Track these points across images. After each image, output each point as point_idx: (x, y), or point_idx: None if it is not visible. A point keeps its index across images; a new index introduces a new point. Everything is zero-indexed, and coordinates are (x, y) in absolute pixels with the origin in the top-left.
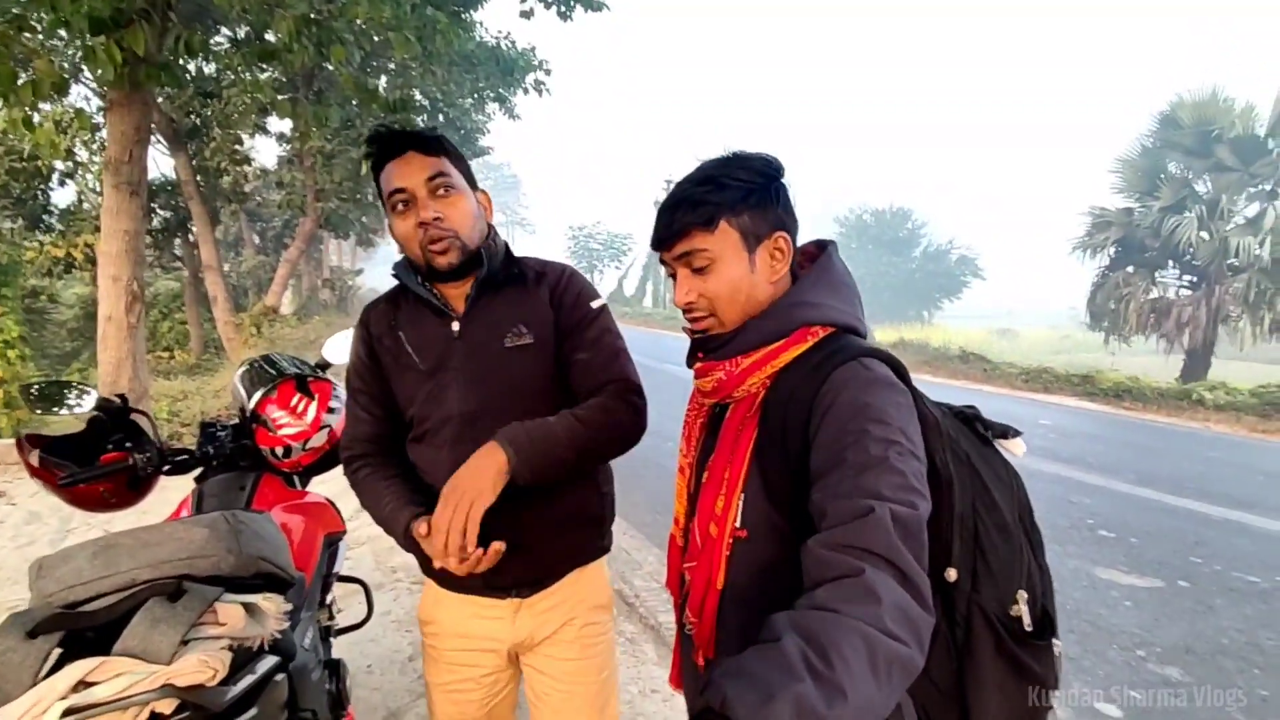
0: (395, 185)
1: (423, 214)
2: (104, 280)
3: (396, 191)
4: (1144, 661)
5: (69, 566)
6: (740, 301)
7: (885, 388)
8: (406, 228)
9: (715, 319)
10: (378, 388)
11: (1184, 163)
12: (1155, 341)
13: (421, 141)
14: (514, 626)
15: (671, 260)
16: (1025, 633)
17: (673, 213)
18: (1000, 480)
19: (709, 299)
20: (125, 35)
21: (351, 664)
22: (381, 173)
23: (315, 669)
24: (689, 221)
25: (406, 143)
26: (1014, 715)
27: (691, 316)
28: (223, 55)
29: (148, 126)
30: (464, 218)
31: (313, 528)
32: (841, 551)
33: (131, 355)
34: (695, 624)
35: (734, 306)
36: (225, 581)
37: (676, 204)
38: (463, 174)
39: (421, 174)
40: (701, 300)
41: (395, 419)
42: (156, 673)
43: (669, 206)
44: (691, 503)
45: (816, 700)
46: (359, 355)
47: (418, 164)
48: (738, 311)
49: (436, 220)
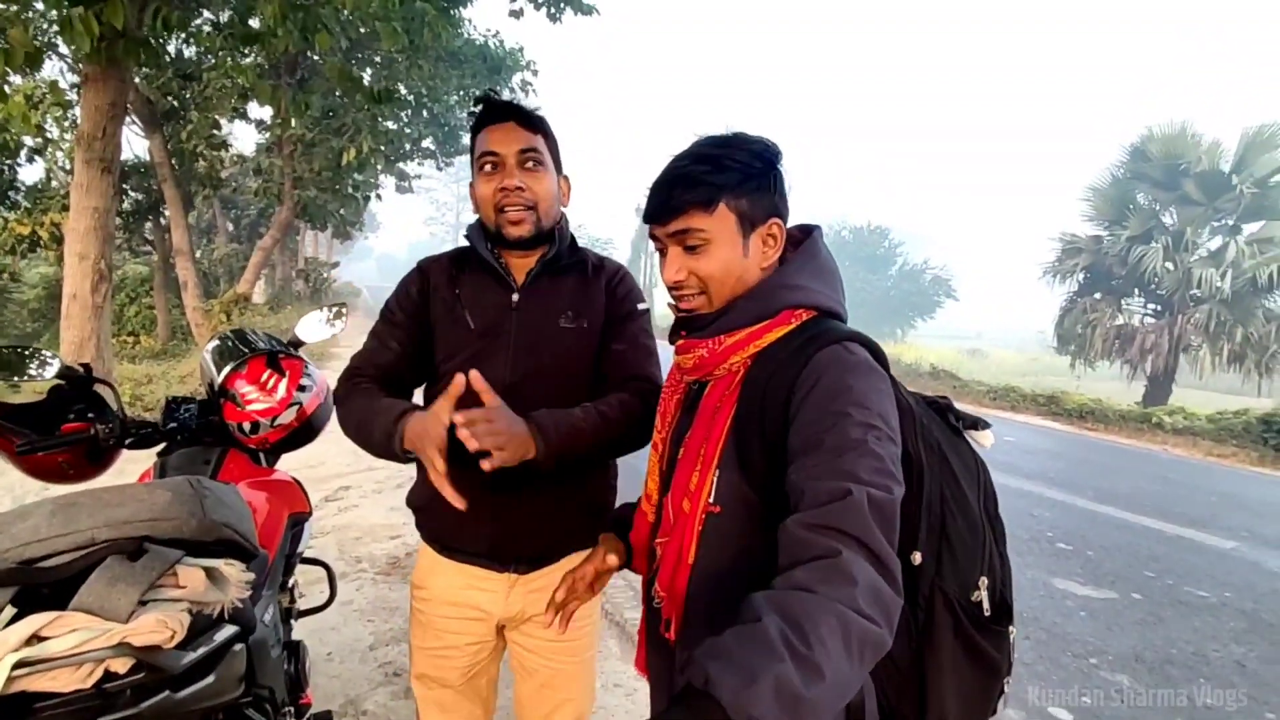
0: (489, 148)
1: (507, 180)
2: (70, 258)
3: (489, 154)
4: (1096, 669)
5: (26, 524)
6: (731, 284)
7: (867, 372)
8: (488, 190)
9: (705, 298)
10: (415, 327)
11: (1152, 194)
12: (1119, 367)
13: (524, 115)
14: (507, 600)
15: (665, 236)
16: (984, 618)
17: (671, 189)
18: (968, 469)
19: (700, 279)
20: (104, 8)
21: (312, 651)
22: (479, 135)
23: (275, 647)
24: (688, 200)
25: (510, 113)
26: (969, 696)
27: (680, 294)
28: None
29: (123, 103)
30: (545, 194)
31: (278, 506)
32: (819, 533)
33: (95, 335)
34: (664, 598)
35: (724, 288)
36: (187, 546)
37: (675, 180)
38: (552, 156)
39: (516, 144)
40: (692, 279)
41: (415, 361)
42: (112, 630)
43: (667, 182)
44: (665, 479)
45: (796, 679)
46: (408, 292)
47: (516, 134)
48: (728, 293)
49: (519, 190)
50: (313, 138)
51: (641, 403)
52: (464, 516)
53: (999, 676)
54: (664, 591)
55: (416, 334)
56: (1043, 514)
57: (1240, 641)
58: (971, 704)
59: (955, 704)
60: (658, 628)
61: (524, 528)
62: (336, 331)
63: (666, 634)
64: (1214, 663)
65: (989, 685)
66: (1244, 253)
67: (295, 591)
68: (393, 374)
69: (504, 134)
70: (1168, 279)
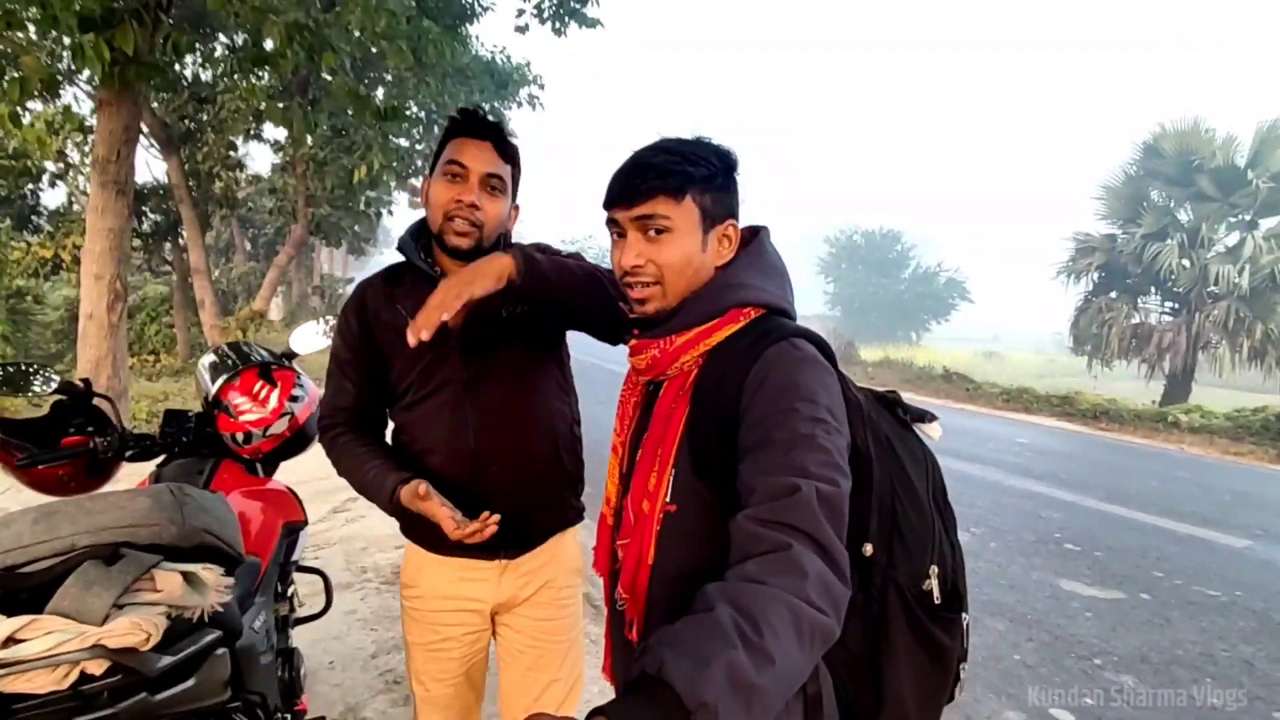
0: (459, 158)
1: (465, 194)
2: (86, 278)
3: (456, 163)
4: (1100, 670)
5: (9, 531)
6: (688, 276)
7: (814, 367)
8: (445, 196)
9: (658, 288)
10: (366, 360)
11: (1166, 191)
12: (1137, 366)
13: (502, 143)
14: (498, 587)
15: (627, 220)
16: (935, 606)
17: (641, 174)
18: (916, 461)
19: (659, 266)
20: (115, 34)
21: (314, 659)
22: (450, 141)
23: (267, 654)
24: (658, 186)
25: (491, 133)
26: (925, 684)
27: (634, 281)
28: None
29: (136, 126)
30: (495, 218)
31: (271, 515)
32: (769, 527)
33: (111, 354)
34: (627, 599)
35: (680, 280)
36: (166, 551)
37: (645, 167)
38: (513, 185)
39: (486, 166)
40: (650, 266)
41: (376, 393)
42: (87, 633)
43: (635, 169)
44: (625, 481)
45: (748, 666)
46: (350, 328)
47: (489, 156)
48: (683, 287)
49: (473, 208)
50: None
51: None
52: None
53: (953, 663)
54: (626, 593)
55: (367, 365)
56: (1051, 515)
57: (1250, 641)
58: (928, 691)
59: (912, 692)
60: (622, 630)
61: (509, 516)
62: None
63: (630, 635)
64: (1221, 662)
65: (944, 672)
66: (1261, 248)
67: (295, 600)
68: (359, 412)
69: (478, 151)
70: (1184, 276)
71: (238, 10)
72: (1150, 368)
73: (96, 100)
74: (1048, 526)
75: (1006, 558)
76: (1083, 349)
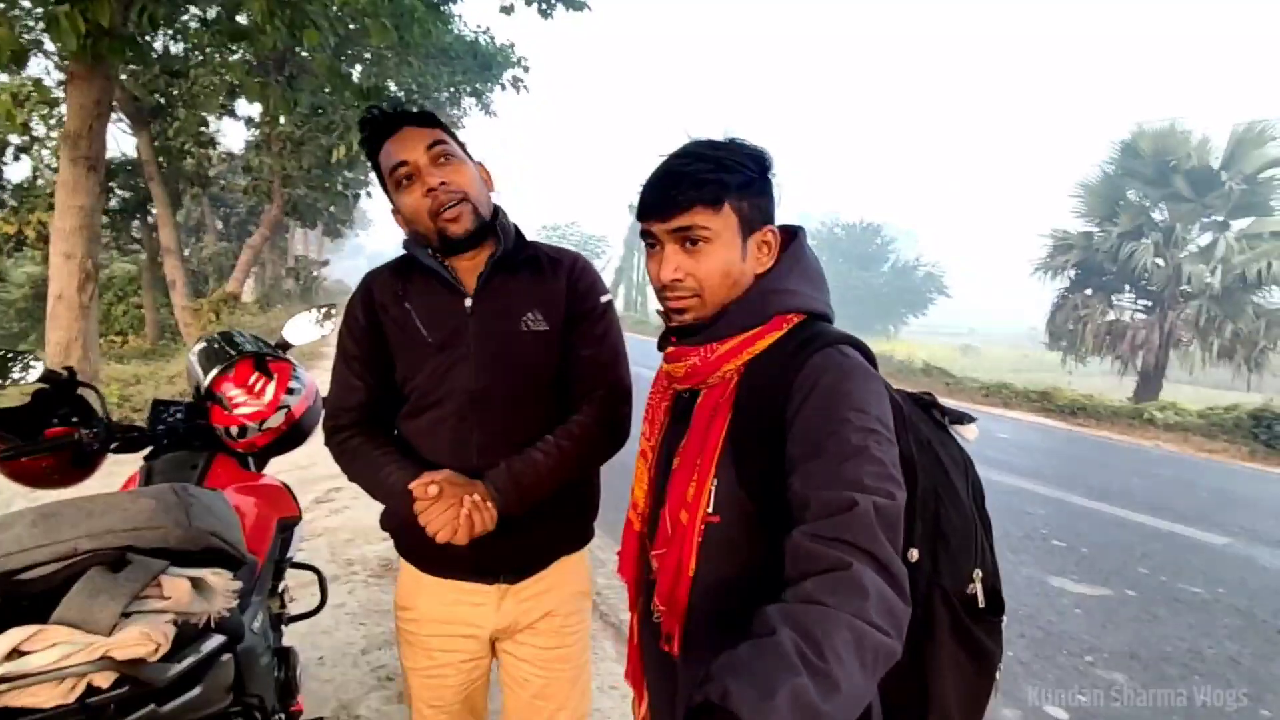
0: (396, 159)
1: (429, 180)
2: (56, 257)
3: (399, 165)
4: (1092, 667)
5: (8, 534)
6: (727, 287)
7: (863, 375)
8: (413, 200)
9: (698, 300)
10: (375, 355)
11: (1142, 191)
12: (1110, 362)
13: (415, 117)
14: (498, 613)
15: (664, 232)
16: (979, 610)
17: (676, 185)
18: (956, 464)
19: (698, 279)
20: (90, 6)
21: (304, 655)
22: (380, 154)
23: (264, 655)
24: (695, 197)
25: (400, 120)
26: (969, 688)
27: (674, 294)
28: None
29: (109, 101)
30: (470, 182)
31: (266, 511)
32: (827, 544)
33: (82, 335)
34: (664, 611)
35: (720, 291)
36: (172, 555)
37: (680, 176)
38: (460, 146)
39: (421, 144)
40: (689, 280)
41: (386, 389)
42: (94, 644)
43: (670, 178)
44: (658, 489)
45: (813, 694)
46: (358, 320)
47: (415, 136)
48: (722, 297)
49: (443, 185)
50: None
51: (611, 413)
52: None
53: (994, 667)
54: (663, 605)
55: (376, 361)
56: (1036, 511)
57: (1235, 639)
58: (972, 696)
59: (956, 698)
60: (656, 642)
61: (508, 537)
62: (325, 333)
63: (667, 648)
64: (1209, 660)
65: (986, 677)
66: (1233, 248)
67: (286, 597)
68: (369, 411)
69: (404, 140)
70: (1158, 275)
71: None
72: (1123, 364)
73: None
74: (1033, 522)
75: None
76: (1058, 344)
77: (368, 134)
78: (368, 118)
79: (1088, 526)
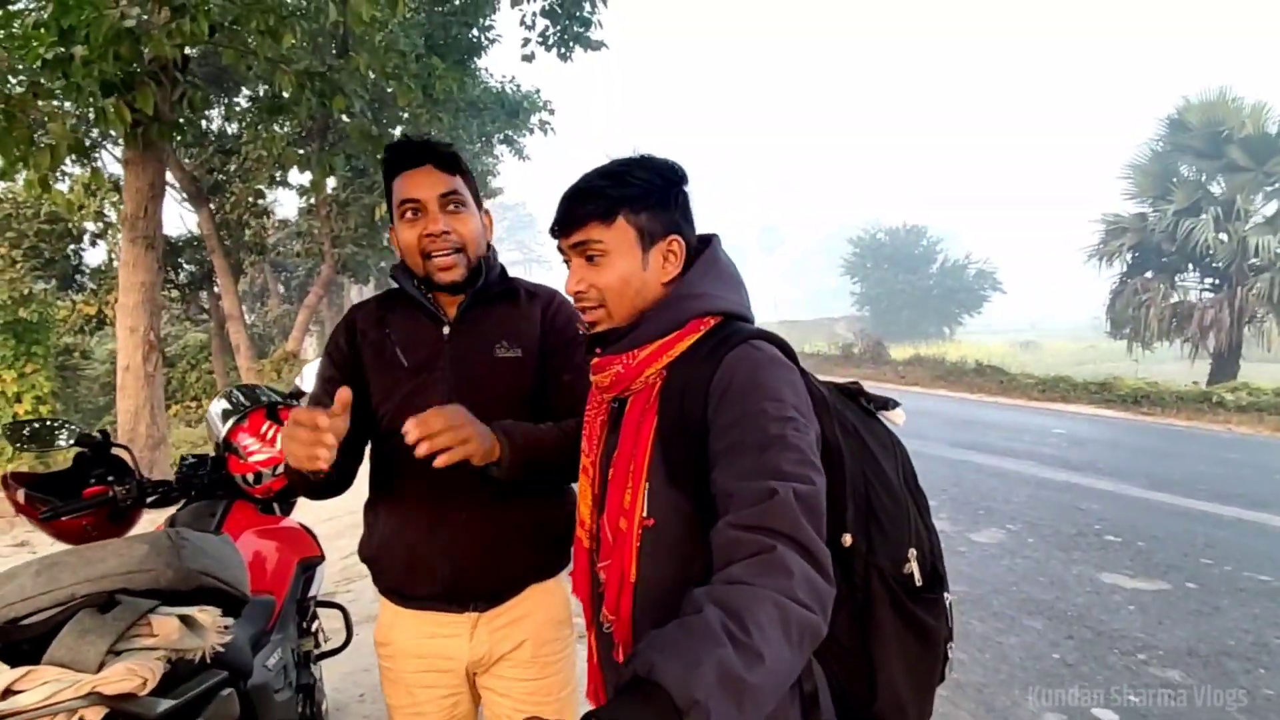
0: (410, 195)
1: (431, 226)
2: (122, 331)
3: (409, 201)
4: (1145, 665)
5: (13, 584)
6: (630, 296)
7: (777, 367)
8: (412, 236)
9: (604, 310)
10: (347, 378)
11: (1196, 165)
12: (1180, 347)
13: (440, 157)
14: (471, 644)
15: (567, 248)
16: (918, 589)
17: (572, 202)
18: (885, 448)
19: (600, 290)
20: (135, 96)
21: (343, 692)
22: (395, 181)
23: (284, 690)
24: (588, 212)
25: (425, 155)
26: (915, 667)
27: (581, 306)
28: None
29: (162, 182)
30: (471, 235)
31: (286, 553)
32: (751, 532)
33: (149, 403)
34: (613, 620)
35: (623, 300)
36: (164, 595)
37: (577, 193)
38: (471, 193)
39: (437, 188)
40: (591, 291)
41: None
42: (82, 681)
43: (570, 196)
44: (599, 502)
45: (737, 664)
46: (338, 345)
47: (434, 179)
48: (626, 306)
49: (445, 234)
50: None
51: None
52: (414, 559)
53: (941, 644)
54: (611, 614)
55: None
56: (1090, 506)
57: None
58: (919, 674)
59: (904, 676)
60: (611, 653)
61: (478, 563)
62: None
63: (617, 656)
64: (1276, 651)
65: (932, 653)
66: None
67: (320, 636)
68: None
69: (422, 178)
70: (1222, 250)
71: (251, 64)
72: (1194, 347)
73: (123, 160)
74: (1087, 518)
75: (1045, 553)
76: (1121, 332)
77: (390, 158)
78: (395, 143)
79: (1146, 519)
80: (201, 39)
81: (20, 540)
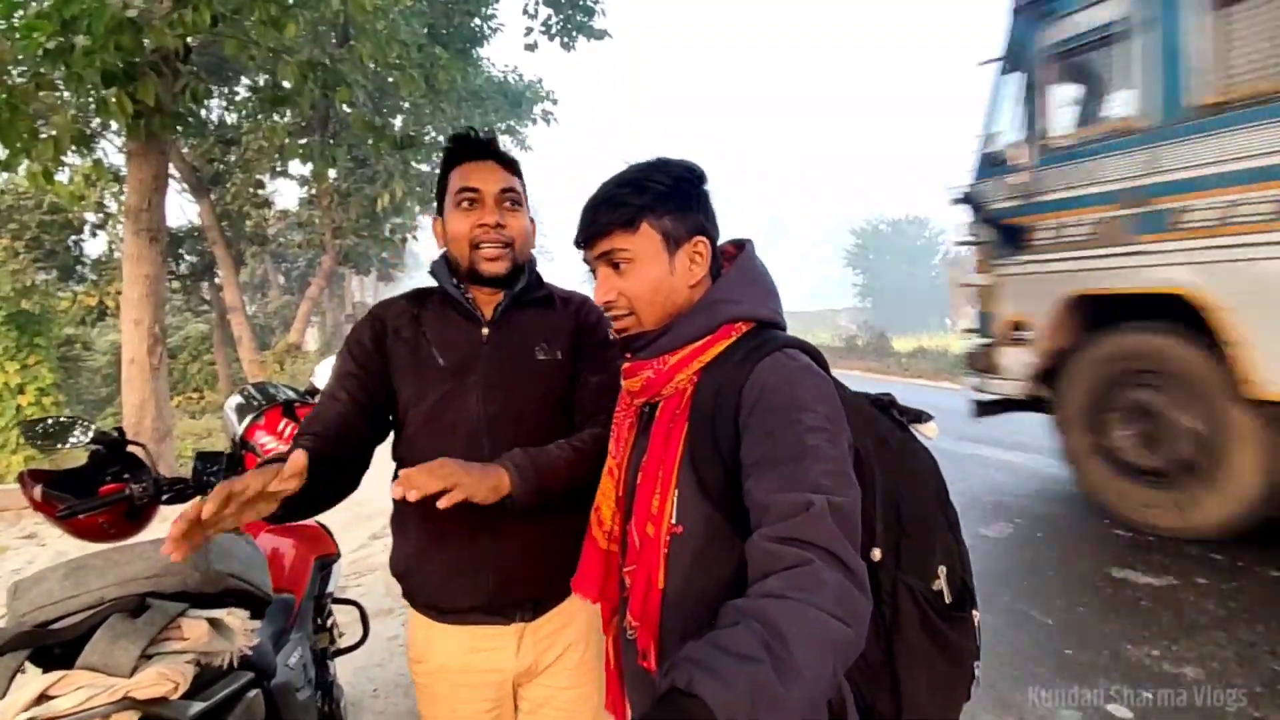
0: (470, 184)
1: (487, 217)
2: (126, 324)
3: (468, 189)
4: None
5: (41, 588)
6: (659, 302)
7: (810, 376)
8: (464, 225)
9: (635, 318)
10: (372, 377)
11: None
12: None
13: (503, 157)
14: (518, 655)
15: (593, 259)
16: (946, 605)
17: (595, 212)
18: (917, 461)
19: (628, 298)
20: (136, 87)
21: (357, 688)
22: (453, 171)
23: (304, 689)
24: (611, 221)
25: (489, 152)
26: (941, 685)
27: (612, 315)
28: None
29: (164, 174)
30: (521, 232)
31: (303, 550)
32: (787, 544)
33: (154, 396)
34: (638, 626)
35: (653, 306)
36: (192, 598)
37: (599, 203)
38: (524, 196)
39: (497, 183)
40: (621, 299)
41: (370, 413)
42: (115, 685)
43: (591, 206)
44: (626, 505)
45: (775, 680)
46: (362, 344)
47: (497, 174)
48: (657, 311)
49: (498, 227)
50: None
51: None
52: (455, 570)
53: (968, 662)
54: (637, 620)
55: (370, 383)
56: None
57: None
58: (945, 692)
59: (929, 694)
60: (635, 659)
61: (521, 570)
62: None
63: (645, 664)
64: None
65: (959, 672)
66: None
67: (335, 632)
68: (342, 429)
69: (485, 172)
70: None
71: (253, 54)
72: None
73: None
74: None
75: (1053, 547)
76: None
77: (454, 147)
78: (460, 135)
79: None
80: (203, 29)
81: (29, 532)
